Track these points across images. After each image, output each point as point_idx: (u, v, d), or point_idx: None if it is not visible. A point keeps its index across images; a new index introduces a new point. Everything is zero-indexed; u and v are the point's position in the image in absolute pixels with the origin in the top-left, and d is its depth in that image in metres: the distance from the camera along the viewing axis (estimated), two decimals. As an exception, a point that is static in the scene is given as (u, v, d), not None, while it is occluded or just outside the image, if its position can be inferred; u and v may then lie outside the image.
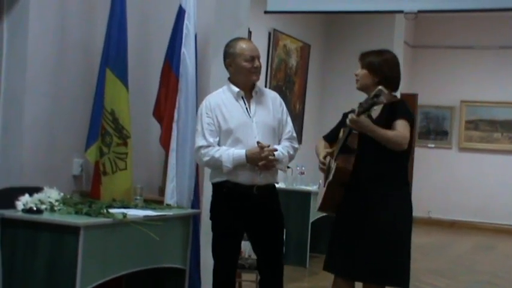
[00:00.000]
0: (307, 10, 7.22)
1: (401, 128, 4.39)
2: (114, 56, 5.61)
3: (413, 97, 13.08)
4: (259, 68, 4.83)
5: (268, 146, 4.64)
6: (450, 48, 14.36)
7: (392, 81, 4.57)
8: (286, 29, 9.79)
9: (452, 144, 14.52)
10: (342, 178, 4.47)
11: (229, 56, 4.82)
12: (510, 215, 13.81)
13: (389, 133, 4.36)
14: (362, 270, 4.45)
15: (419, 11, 6.31)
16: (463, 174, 14.22)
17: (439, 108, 14.45)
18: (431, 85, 14.22)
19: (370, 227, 4.43)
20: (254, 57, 4.79)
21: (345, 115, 4.70)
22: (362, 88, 4.61)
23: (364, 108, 4.25)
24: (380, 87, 4.20)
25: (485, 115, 14.26)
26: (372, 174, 4.46)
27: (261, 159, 4.62)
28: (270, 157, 4.63)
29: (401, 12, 6.57)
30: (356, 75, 4.63)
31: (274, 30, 9.47)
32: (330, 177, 4.54)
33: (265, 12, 6.89)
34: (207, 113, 4.77)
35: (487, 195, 13.98)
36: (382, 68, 4.54)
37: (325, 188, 4.64)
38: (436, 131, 14.55)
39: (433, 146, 14.39)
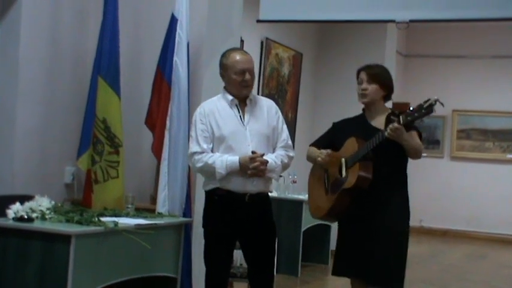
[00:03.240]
0: (300, 19, 7.23)
1: (416, 139, 4.63)
2: (106, 64, 5.61)
3: (405, 106, 13.08)
4: (250, 81, 4.80)
5: (262, 156, 4.65)
6: (442, 57, 14.40)
7: (392, 93, 4.84)
8: (279, 37, 9.79)
9: (444, 153, 14.54)
10: (362, 186, 4.56)
11: (223, 67, 4.83)
12: (502, 224, 13.83)
13: (415, 142, 4.60)
14: (376, 274, 4.57)
15: (411, 21, 6.32)
16: (455, 183, 14.23)
17: (430, 117, 14.34)
18: (423, 94, 13.97)
19: (382, 233, 4.56)
20: (245, 71, 4.77)
21: (336, 125, 4.92)
22: (371, 102, 4.73)
23: (414, 117, 4.36)
24: (436, 97, 4.38)
25: (477, 124, 14.29)
26: (385, 180, 4.58)
27: (250, 168, 4.63)
28: (261, 167, 4.64)
29: (393, 21, 6.57)
30: (364, 89, 4.70)
31: (267, 39, 9.48)
32: (347, 185, 4.59)
33: (258, 21, 6.90)
34: (201, 120, 4.78)
35: (479, 204, 13.99)
36: (389, 82, 4.77)
37: (335, 196, 4.69)
38: (428, 140, 14.55)
39: (425, 155, 14.20)
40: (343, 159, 4.67)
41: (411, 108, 4.41)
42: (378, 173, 4.55)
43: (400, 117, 4.40)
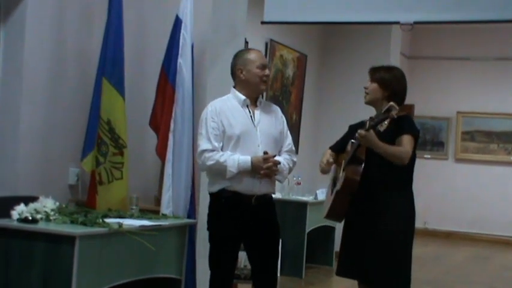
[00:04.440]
0: (304, 21, 7.22)
1: (405, 142, 4.60)
2: (111, 65, 5.62)
3: (409, 108, 13.09)
4: (268, 77, 4.89)
5: (274, 156, 4.68)
6: (446, 59, 14.37)
7: (400, 96, 4.76)
8: (283, 39, 9.79)
9: (448, 155, 14.52)
10: (350, 188, 4.59)
11: (242, 63, 4.84)
12: (506, 226, 13.80)
13: (392, 149, 4.55)
14: (371, 275, 4.60)
15: (416, 22, 6.31)
16: (459, 185, 14.21)
17: (435, 119, 14.45)
18: (428, 96, 14.23)
19: (379, 234, 4.57)
20: (265, 66, 4.88)
21: (351, 127, 4.92)
22: (371, 102, 4.78)
23: (375, 122, 4.43)
24: (391, 103, 4.40)
25: (482, 126, 14.26)
26: (381, 182, 4.61)
27: (264, 168, 4.64)
28: (273, 168, 4.67)
29: (397, 23, 6.55)
30: (366, 88, 4.78)
31: (271, 40, 9.47)
32: (338, 186, 4.65)
33: (262, 22, 6.89)
34: (212, 118, 4.78)
35: (483, 207, 13.97)
36: (392, 83, 4.72)
37: (332, 197, 4.74)
38: (432, 141, 14.54)
39: (429, 156, 14.38)
40: (343, 162, 4.72)
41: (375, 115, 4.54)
42: (374, 174, 4.58)
43: (367, 122, 4.50)
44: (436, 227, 14.23)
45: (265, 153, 4.69)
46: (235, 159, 4.67)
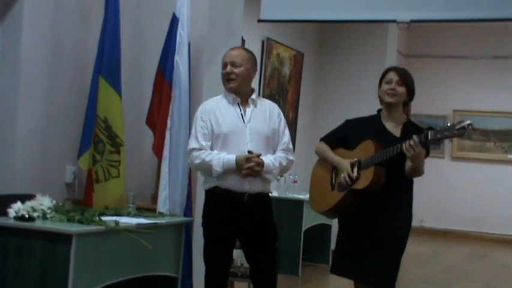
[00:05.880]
0: (301, 19, 7.22)
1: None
2: (108, 63, 5.61)
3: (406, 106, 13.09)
4: (231, 74, 4.82)
5: (259, 156, 4.66)
6: (443, 57, 14.39)
7: (411, 101, 4.85)
8: (280, 37, 9.79)
9: (445, 154, 14.53)
10: (373, 189, 4.56)
11: None
12: (503, 224, 13.82)
13: (423, 170, 4.61)
14: (372, 274, 4.57)
15: (412, 21, 6.31)
16: (455, 183, 14.23)
17: (431, 117, 14.43)
18: (424, 94, 14.17)
19: (388, 234, 4.58)
20: (227, 64, 4.84)
21: (349, 122, 4.87)
22: (395, 103, 4.72)
23: (444, 136, 4.31)
24: (470, 121, 4.30)
25: (478, 124, 14.23)
26: (390, 183, 4.57)
27: (245, 168, 4.63)
28: (255, 168, 4.64)
29: (394, 21, 6.57)
30: (394, 89, 4.70)
31: (268, 38, 9.47)
32: (360, 185, 4.60)
33: (259, 20, 6.89)
34: (201, 117, 4.82)
35: (479, 205, 13.99)
36: (414, 89, 4.80)
37: (342, 194, 4.69)
38: (429, 140, 14.54)
39: (426, 155, 14.37)
40: (355, 159, 4.66)
41: (446, 125, 4.35)
42: (389, 176, 4.56)
43: (429, 133, 4.35)
44: (433, 225, 14.25)
45: (249, 152, 4.67)
46: (221, 158, 4.68)
